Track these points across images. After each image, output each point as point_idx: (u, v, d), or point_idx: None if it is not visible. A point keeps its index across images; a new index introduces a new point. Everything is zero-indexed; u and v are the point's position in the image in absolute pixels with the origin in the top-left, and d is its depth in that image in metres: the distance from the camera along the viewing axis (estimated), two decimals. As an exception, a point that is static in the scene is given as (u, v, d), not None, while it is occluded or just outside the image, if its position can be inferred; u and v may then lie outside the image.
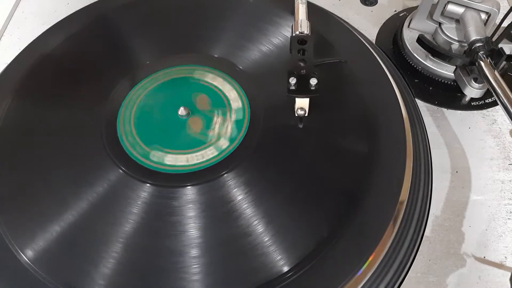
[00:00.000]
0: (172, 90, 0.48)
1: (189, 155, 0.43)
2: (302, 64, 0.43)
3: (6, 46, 0.60)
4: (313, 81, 0.41)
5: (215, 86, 0.48)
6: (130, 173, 0.42)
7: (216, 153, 0.43)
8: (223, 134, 0.44)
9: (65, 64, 0.51)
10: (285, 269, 0.36)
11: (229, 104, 0.46)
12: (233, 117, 0.45)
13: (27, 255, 0.38)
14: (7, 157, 0.44)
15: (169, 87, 0.48)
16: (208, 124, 0.45)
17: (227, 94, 0.47)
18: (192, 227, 0.39)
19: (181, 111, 0.45)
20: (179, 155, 0.43)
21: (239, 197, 0.40)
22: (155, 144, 0.44)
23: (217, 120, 0.45)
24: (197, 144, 0.44)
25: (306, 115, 0.43)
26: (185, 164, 0.42)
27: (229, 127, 0.44)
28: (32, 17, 0.64)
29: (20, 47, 0.53)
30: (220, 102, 0.46)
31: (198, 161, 0.42)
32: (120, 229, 0.39)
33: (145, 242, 0.38)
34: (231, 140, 0.44)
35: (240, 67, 0.49)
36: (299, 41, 0.44)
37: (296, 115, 0.43)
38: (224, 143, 0.43)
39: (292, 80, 0.41)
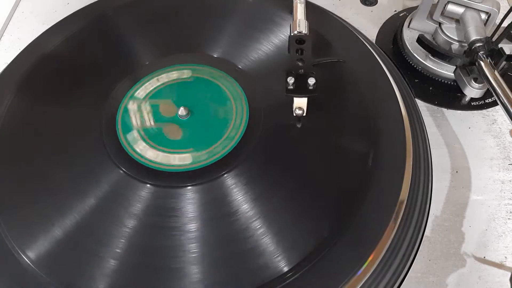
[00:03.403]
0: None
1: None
2: (300, 63, 0.43)
3: (6, 46, 0.60)
4: (311, 81, 0.41)
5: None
6: (130, 173, 0.42)
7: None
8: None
9: (65, 64, 0.51)
10: (285, 269, 0.36)
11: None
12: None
13: (27, 255, 0.38)
14: (7, 157, 0.44)
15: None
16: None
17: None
18: (192, 227, 0.39)
19: (181, 111, 0.45)
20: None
21: (239, 197, 0.40)
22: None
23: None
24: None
25: (304, 114, 0.43)
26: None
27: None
28: (32, 17, 0.64)
29: (20, 47, 0.53)
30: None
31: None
32: (120, 229, 0.39)
33: (145, 242, 0.39)
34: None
35: (240, 67, 0.49)
36: (297, 40, 0.44)
37: (294, 114, 0.43)
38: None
39: (290, 80, 0.41)
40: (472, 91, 0.49)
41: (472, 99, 0.51)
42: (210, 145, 0.43)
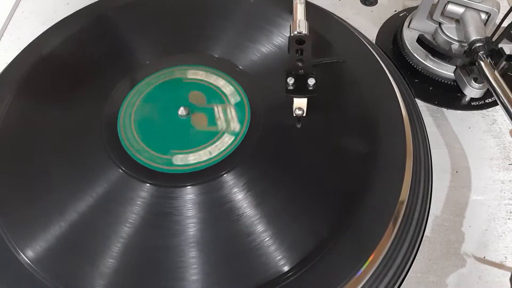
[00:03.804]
0: (172, 90, 0.48)
1: (191, 154, 0.43)
2: (300, 64, 0.43)
3: (6, 46, 0.60)
4: (311, 81, 0.41)
5: (215, 86, 0.48)
6: (130, 173, 0.42)
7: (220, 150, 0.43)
8: (224, 132, 0.44)
9: (65, 64, 0.51)
10: (285, 269, 0.36)
11: (229, 104, 0.46)
12: (233, 116, 0.45)
13: (27, 255, 0.38)
14: (7, 157, 0.44)
15: (169, 87, 0.48)
16: (211, 121, 0.45)
17: (227, 93, 0.47)
18: (192, 227, 0.39)
19: (181, 111, 0.45)
20: (180, 154, 0.43)
21: (239, 197, 0.40)
22: (156, 143, 0.44)
23: (218, 116, 0.45)
24: (200, 142, 0.44)
25: (304, 115, 0.43)
26: (185, 163, 0.42)
27: (231, 125, 0.45)
28: (32, 17, 0.64)
29: (20, 47, 0.53)
30: (220, 102, 0.46)
31: (199, 161, 0.42)
32: (120, 229, 0.39)
33: (145, 242, 0.38)
34: (232, 140, 0.44)
35: (240, 67, 0.49)
36: (297, 41, 0.44)
37: (294, 115, 0.43)
38: (226, 140, 0.43)
39: (290, 80, 0.41)
40: (472, 91, 0.49)
41: (472, 99, 0.51)
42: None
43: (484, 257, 0.42)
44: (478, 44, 0.46)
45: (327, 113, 0.45)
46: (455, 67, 0.51)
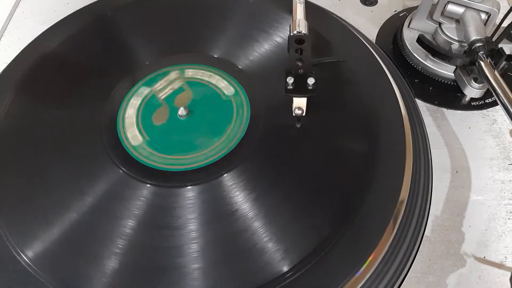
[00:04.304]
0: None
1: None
2: (299, 63, 0.43)
3: (6, 46, 0.60)
4: (311, 81, 0.41)
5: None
6: (130, 173, 0.42)
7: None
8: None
9: (65, 64, 0.51)
10: (285, 269, 0.36)
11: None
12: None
13: (27, 255, 0.38)
14: (7, 157, 0.44)
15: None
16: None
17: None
18: (192, 227, 0.39)
19: (181, 111, 0.45)
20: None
21: (239, 197, 0.40)
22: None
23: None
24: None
25: (304, 114, 0.43)
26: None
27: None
28: (32, 17, 0.64)
29: (20, 47, 0.53)
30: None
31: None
32: (120, 229, 0.39)
33: (145, 242, 0.38)
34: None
35: (240, 67, 0.49)
36: (296, 40, 0.44)
37: (294, 114, 0.43)
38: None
39: (290, 80, 0.41)
40: (472, 91, 0.49)
41: (472, 99, 0.51)
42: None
43: (484, 257, 0.42)
44: (478, 44, 0.46)
45: (327, 113, 0.45)
46: (455, 67, 0.51)
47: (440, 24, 0.53)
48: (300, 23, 0.45)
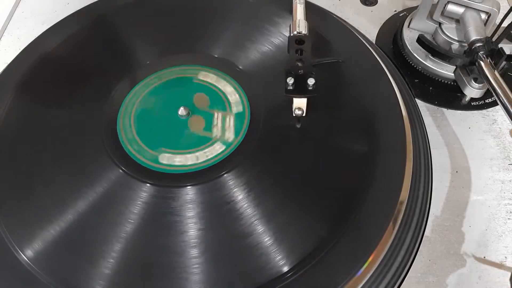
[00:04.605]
0: (172, 90, 0.48)
1: (193, 154, 0.43)
2: (299, 64, 0.43)
3: (6, 46, 0.60)
4: (311, 81, 0.41)
5: (215, 86, 0.48)
6: (130, 173, 0.42)
7: (221, 149, 0.43)
8: (226, 131, 0.44)
9: (65, 64, 0.51)
10: (285, 269, 0.36)
11: (229, 104, 0.46)
12: (234, 116, 0.45)
13: (27, 254, 0.38)
14: (7, 157, 0.44)
15: (169, 87, 0.48)
16: (210, 122, 0.45)
17: (227, 94, 0.47)
18: (192, 227, 0.39)
19: (181, 111, 0.45)
20: (180, 154, 0.43)
21: (239, 197, 0.40)
22: (156, 144, 0.44)
23: (218, 117, 0.45)
24: (201, 142, 0.44)
25: (304, 115, 0.43)
26: (185, 163, 0.42)
27: (231, 124, 0.44)
28: (32, 17, 0.64)
29: (20, 47, 0.53)
30: (220, 102, 0.46)
31: (200, 161, 0.42)
32: (120, 229, 0.39)
33: (145, 242, 0.38)
34: (231, 142, 0.44)
35: (240, 67, 0.49)
36: (297, 41, 0.44)
37: (294, 115, 0.43)
38: (228, 138, 0.43)
39: (290, 80, 0.41)
40: (472, 91, 0.49)
41: (472, 99, 0.51)
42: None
43: (484, 257, 0.42)
44: (478, 44, 0.46)
45: (327, 113, 0.45)
46: (455, 67, 0.51)
47: (440, 24, 0.53)
48: (300, 24, 0.45)
